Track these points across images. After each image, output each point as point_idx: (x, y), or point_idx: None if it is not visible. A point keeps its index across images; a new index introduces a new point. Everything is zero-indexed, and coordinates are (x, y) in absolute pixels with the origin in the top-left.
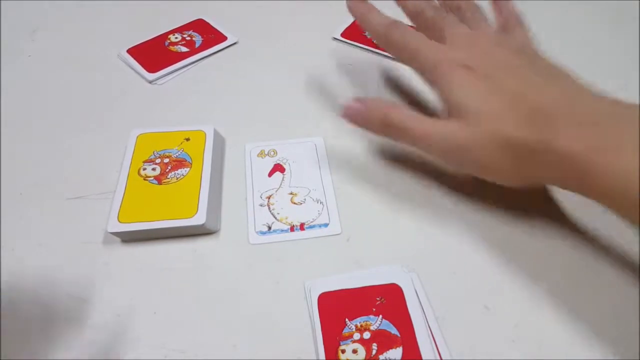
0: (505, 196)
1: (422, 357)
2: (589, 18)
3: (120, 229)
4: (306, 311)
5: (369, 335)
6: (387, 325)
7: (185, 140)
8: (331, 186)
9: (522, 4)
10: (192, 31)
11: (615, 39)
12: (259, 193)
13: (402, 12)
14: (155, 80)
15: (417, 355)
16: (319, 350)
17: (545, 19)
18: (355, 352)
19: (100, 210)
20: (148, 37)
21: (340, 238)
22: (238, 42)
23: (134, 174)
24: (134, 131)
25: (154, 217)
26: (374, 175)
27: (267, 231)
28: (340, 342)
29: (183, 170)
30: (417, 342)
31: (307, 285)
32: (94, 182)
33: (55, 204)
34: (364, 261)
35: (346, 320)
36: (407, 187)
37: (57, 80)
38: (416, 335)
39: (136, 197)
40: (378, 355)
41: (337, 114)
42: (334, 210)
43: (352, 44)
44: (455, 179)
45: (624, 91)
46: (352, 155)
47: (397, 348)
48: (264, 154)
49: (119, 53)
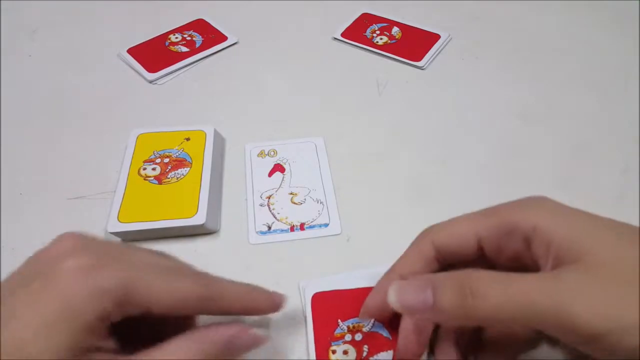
0: None
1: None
2: (589, 18)
3: (120, 229)
4: (302, 311)
5: (360, 336)
6: (380, 328)
7: (186, 140)
8: (331, 186)
9: (523, 4)
10: (192, 31)
11: (615, 39)
12: (259, 193)
13: None
14: (155, 80)
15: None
16: (310, 350)
17: (546, 19)
18: (346, 353)
19: (100, 210)
20: (148, 37)
21: (340, 238)
22: (238, 42)
23: (134, 173)
24: (134, 131)
25: (154, 217)
26: (374, 175)
27: (267, 231)
28: (331, 343)
29: (183, 170)
30: None
31: (301, 285)
32: (94, 182)
33: (55, 204)
34: (363, 261)
35: (338, 321)
36: (408, 187)
37: (57, 80)
38: None
39: (136, 197)
40: (368, 357)
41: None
42: (334, 210)
43: (352, 44)
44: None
45: (624, 91)
46: (352, 155)
47: (388, 351)
48: (264, 154)
49: (119, 53)
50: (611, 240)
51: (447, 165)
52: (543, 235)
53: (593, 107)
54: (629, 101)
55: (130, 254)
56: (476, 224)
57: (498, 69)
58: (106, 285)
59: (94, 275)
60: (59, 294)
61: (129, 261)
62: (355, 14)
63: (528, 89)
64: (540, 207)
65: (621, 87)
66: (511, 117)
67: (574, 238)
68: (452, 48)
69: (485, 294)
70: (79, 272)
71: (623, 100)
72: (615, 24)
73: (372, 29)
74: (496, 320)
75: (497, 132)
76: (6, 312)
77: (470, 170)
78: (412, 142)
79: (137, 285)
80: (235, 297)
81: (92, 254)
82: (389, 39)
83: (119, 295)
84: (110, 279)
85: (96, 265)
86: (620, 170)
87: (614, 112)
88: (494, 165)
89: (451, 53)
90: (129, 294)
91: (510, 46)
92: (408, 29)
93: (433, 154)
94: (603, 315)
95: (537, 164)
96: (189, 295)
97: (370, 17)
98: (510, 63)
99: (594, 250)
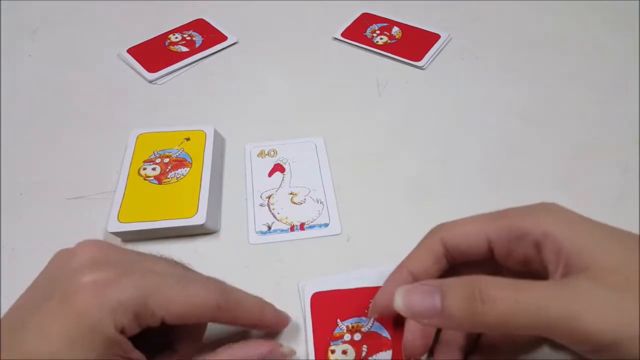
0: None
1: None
2: (589, 18)
3: (120, 229)
4: (302, 311)
5: (359, 336)
6: (379, 328)
7: (185, 140)
8: (331, 186)
9: (523, 4)
10: (192, 31)
11: (615, 39)
12: (259, 193)
13: None
14: (155, 80)
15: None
16: (309, 349)
17: (546, 19)
18: (345, 352)
19: (101, 210)
20: (148, 37)
21: (340, 238)
22: (238, 42)
23: (134, 173)
24: (134, 131)
25: (154, 217)
26: (374, 175)
27: (267, 231)
28: (330, 342)
29: (183, 170)
30: None
31: (301, 285)
32: (94, 182)
33: (55, 204)
34: (363, 261)
35: (338, 320)
36: (408, 186)
37: (57, 80)
38: None
39: (136, 197)
40: (367, 357)
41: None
42: (334, 210)
43: (352, 43)
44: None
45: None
46: (352, 155)
47: (387, 351)
48: (264, 154)
49: (119, 53)
50: (619, 249)
51: (447, 165)
52: (554, 241)
53: (593, 107)
54: (629, 101)
55: (147, 263)
56: (487, 226)
57: (498, 69)
58: (124, 299)
59: (112, 291)
60: (80, 310)
61: (145, 272)
62: (355, 14)
63: (528, 89)
64: (552, 213)
65: (621, 87)
66: (511, 117)
67: (584, 245)
68: (452, 48)
69: (495, 300)
70: (97, 288)
71: (623, 100)
72: (615, 24)
73: (372, 29)
74: (505, 327)
75: (497, 132)
76: (33, 327)
77: (470, 170)
78: (412, 142)
79: (155, 298)
80: (249, 309)
81: (109, 267)
82: (389, 38)
83: (137, 309)
84: (127, 293)
85: (114, 280)
86: (620, 171)
87: (614, 112)
88: (494, 165)
89: (451, 53)
90: (146, 307)
91: (510, 46)
92: (408, 29)
93: (433, 154)
94: (615, 324)
95: (537, 164)
96: (206, 304)
97: (370, 17)
98: (510, 63)
99: (603, 258)
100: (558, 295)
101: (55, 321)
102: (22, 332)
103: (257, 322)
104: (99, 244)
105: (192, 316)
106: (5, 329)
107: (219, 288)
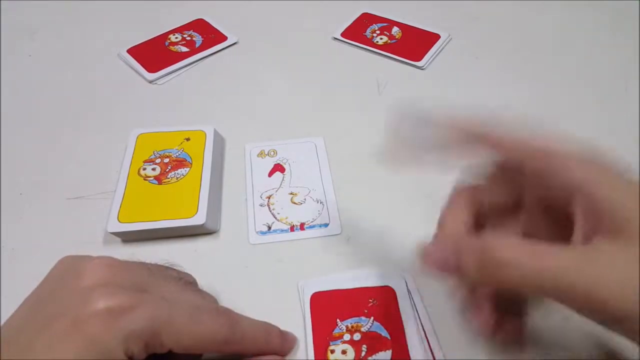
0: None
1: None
2: (589, 18)
3: (120, 229)
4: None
5: (359, 336)
6: (378, 328)
7: (185, 140)
8: (331, 186)
9: (523, 4)
10: (192, 31)
11: (615, 39)
12: (259, 193)
13: None
14: (155, 80)
15: (406, 358)
16: (308, 349)
17: (546, 20)
18: (345, 352)
19: (100, 210)
20: (148, 37)
21: (340, 238)
22: (238, 42)
23: (134, 173)
24: (134, 131)
25: (154, 217)
26: (374, 175)
27: (267, 231)
28: (330, 342)
29: (183, 170)
30: (407, 345)
31: (300, 285)
32: (94, 182)
33: (55, 204)
34: (363, 261)
35: (337, 320)
36: (408, 186)
37: (57, 80)
38: (407, 338)
39: (136, 197)
40: (367, 356)
41: (416, 258)
42: (334, 210)
43: (352, 43)
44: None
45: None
46: (352, 155)
47: (387, 351)
48: (264, 154)
49: (119, 53)
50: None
51: (447, 165)
52: (589, 191)
53: (593, 107)
54: (629, 101)
55: (159, 286)
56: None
57: (498, 69)
58: (137, 330)
59: (126, 321)
60: (93, 336)
61: (158, 301)
62: (355, 13)
63: (528, 89)
64: (593, 163)
65: (621, 87)
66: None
67: (619, 203)
68: (452, 48)
69: (508, 265)
70: (112, 316)
71: (623, 100)
72: (615, 24)
73: (372, 29)
74: (520, 289)
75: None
76: (41, 347)
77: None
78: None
79: (167, 330)
80: (253, 340)
81: (123, 292)
82: (389, 38)
83: (148, 340)
84: (141, 324)
85: (128, 309)
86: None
87: (614, 112)
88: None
89: (451, 53)
90: (157, 338)
91: (510, 46)
92: (408, 29)
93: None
94: (636, 296)
95: None
96: (214, 340)
97: (370, 17)
98: (510, 63)
99: (636, 221)
100: (577, 263)
101: (65, 344)
102: (29, 352)
103: (261, 351)
104: (109, 262)
105: (200, 349)
106: (9, 345)
107: (228, 322)
